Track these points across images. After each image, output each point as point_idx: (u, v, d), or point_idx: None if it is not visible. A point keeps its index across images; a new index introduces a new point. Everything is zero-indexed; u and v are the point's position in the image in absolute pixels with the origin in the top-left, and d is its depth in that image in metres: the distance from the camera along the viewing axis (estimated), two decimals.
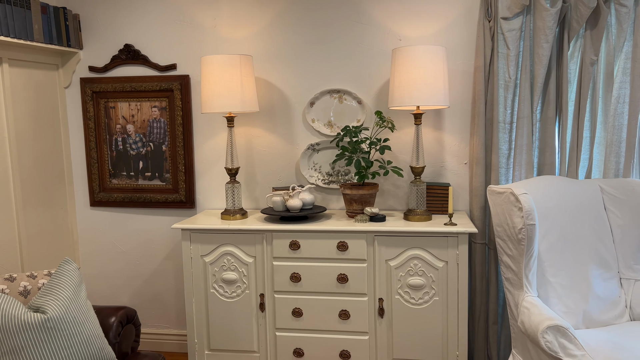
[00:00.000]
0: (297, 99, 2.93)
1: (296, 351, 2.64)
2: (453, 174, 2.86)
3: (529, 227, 2.22)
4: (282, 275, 2.61)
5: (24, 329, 1.75)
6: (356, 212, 2.71)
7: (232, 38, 2.94)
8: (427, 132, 2.84)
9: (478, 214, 2.75)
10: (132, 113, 3.06)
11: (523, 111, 2.62)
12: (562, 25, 2.58)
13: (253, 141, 3.01)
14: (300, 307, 2.62)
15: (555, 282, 2.40)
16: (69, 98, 3.12)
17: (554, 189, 2.51)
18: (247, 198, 3.05)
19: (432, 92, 2.48)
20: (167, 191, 3.09)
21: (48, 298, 1.86)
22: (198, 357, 2.74)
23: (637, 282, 2.48)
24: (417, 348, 2.56)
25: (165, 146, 3.06)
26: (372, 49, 2.83)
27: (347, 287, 2.57)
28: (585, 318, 2.39)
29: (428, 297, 2.53)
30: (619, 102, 2.59)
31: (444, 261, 2.50)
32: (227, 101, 2.63)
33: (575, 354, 2.04)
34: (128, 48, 3.02)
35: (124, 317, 2.17)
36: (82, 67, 3.09)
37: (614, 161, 2.63)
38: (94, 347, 1.91)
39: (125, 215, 3.17)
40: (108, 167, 3.14)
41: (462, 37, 2.74)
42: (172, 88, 2.99)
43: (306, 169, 2.95)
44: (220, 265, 2.66)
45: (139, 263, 3.20)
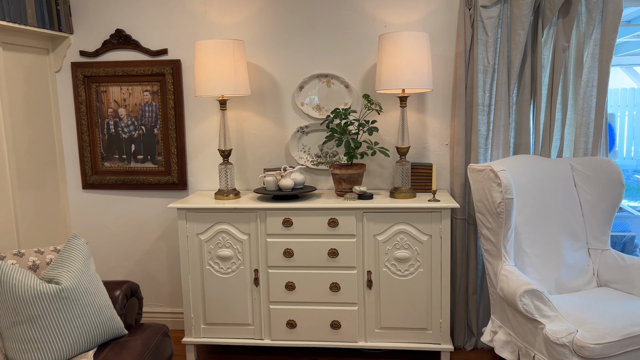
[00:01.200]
0: (286, 83, 3.04)
1: (289, 322, 2.78)
2: (435, 154, 3.03)
3: (507, 201, 2.40)
4: (276, 251, 2.74)
5: (40, 298, 1.84)
6: (345, 191, 2.85)
7: (223, 24, 3.03)
8: (411, 114, 3.00)
9: (459, 192, 2.93)
10: (123, 97, 3.13)
11: (501, 94, 2.80)
12: (536, 14, 2.75)
13: (244, 124, 3.11)
14: (293, 281, 2.76)
15: (531, 253, 2.60)
16: (59, 82, 3.16)
17: (528, 167, 2.70)
18: (239, 179, 3.15)
19: (417, 76, 2.63)
20: (159, 173, 3.17)
21: (61, 270, 1.95)
22: (194, 331, 2.85)
23: (603, 252, 2.71)
24: (403, 317, 2.73)
25: (157, 129, 3.13)
26: (358, 35, 2.96)
27: (337, 261, 2.72)
28: (557, 285, 2.60)
29: (413, 269, 2.70)
30: (588, 86, 2.79)
31: (428, 235, 2.67)
32: (220, 84, 2.72)
33: (549, 315, 2.24)
34: (119, 33, 3.07)
35: (128, 291, 2.27)
36: (72, 51, 3.13)
37: (583, 141, 2.84)
38: (105, 317, 2.01)
39: (117, 198, 3.24)
40: (100, 150, 3.19)
41: (443, 24, 2.90)
42: (164, 72, 3.06)
43: (296, 150, 3.08)
44: (215, 243, 2.77)
45: (132, 244, 3.28)
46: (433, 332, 2.73)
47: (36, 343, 1.84)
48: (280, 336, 2.80)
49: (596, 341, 2.06)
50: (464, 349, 2.99)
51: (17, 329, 1.84)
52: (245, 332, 2.83)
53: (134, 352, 1.99)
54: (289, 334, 2.79)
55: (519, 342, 2.41)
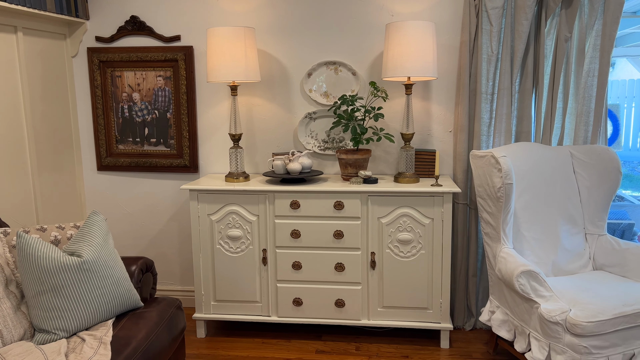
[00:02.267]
0: (295, 70, 3.13)
1: (295, 300, 2.90)
2: (439, 140, 3.12)
3: (507, 185, 2.50)
4: (283, 232, 2.85)
5: (63, 269, 1.96)
6: (351, 175, 2.95)
7: (234, 11, 3.11)
8: (416, 102, 3.08)
9: (461, 177, 3.02)
10: (137, 82, 3.23)
11: (503, 83, 2.88)
12: (540, 4, 2.82)
13: (254, 110, 3.21)
14: (299, 261, 2.87)
15: (529, 236, 2.69)
16: (76, 67, 3.26)
17: (529, 154, 2.79)
18: (248, 163, 3.26)
19: (422, 64, 2.71)
20: (171, 156, 3.28)
21: (82, 244, 2.07)
22: (205, 308, 2.98)
23: (600, 237, 2.80)
24: (405, 297, 2.84)
25: (170, 114, 3.24)
26: (366, 24, 3.04)
27: (342, 242, 2.83)
28: (554, 267, 2.70)
29: (415, 251, 2.80)
30: (589, 76, 2.86)
31: (430, 218, 2.77)
32: (232, 71, 2.82)
33: (544, 295, 2.35)
34: (134, 19, 3.16)
35: (143, 266, 2.39)
36: (88, 37, 3.23)
37: (583, 129, 2.92)
38: (123, 289, 2.13)
39: (131, 179, 3.36)
40: (115, 133, 3.31)
41: (449, 13, 2.97)
42: (177, 58, 3.16)
43: (303, 136, 3.17)
44: (225, 223, 2.89)
45: (145, 224, 3.40)
46: (433, 312, 2.84)
47: (59, 311, 1.97)
48: (286, 313, 2.92)
49: (588, 319, 2.16)
50: (463, 328, 3.10)
51: (42, 298, 1.97)
52: (253, 309, 2.95)
53: (149, 323, 2.11)
54: (295, 312, 2.92)
55: (515, 320, 2.51)
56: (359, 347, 2.89)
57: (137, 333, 2.02)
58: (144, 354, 1.97)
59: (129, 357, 1.89)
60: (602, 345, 2.19)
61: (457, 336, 3.01)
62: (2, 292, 1.96)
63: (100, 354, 1.84)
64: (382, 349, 2.87)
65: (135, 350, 1.93)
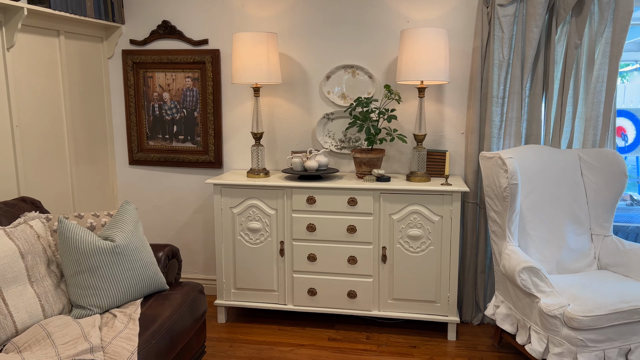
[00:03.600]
0: (314, 72, 3.30)
1: (310, 290, 3.08)
2: (451, 142, 3.25)
3: (512, 186, 2.62)
4: (300, 226, 3.03)
5: (98, 252, 2.18)
6: (365, 173, 3.11)
7: (258, 17, 3.30)
8: (429, 104, 3.22)
9: (471, 178, 3.15)
10: (167, 82, 3.45)
11: (514, 87, 2.99)
12: (551, 12, 2.92)
13: (275, 110, 3.39)
14: (314, 253, 3.04)
15: (535, 235, 2.80)
16: (111, 68, 3.51)
17: (538, 156, 2.90)
18: (269, 160, 3.45)
19: (435, 69, 2.85)
20: (197, 152, 3.50)
21: (115, 230, 2.28)
22: (226, 295, 3.18)
23: (605, 238, 2.89)
24: (414, 289, 2.98)
25: (197, 112, 3.45)
26: (382, 30, 3.19)
27: (355, 237, 2.99)
28: (558, 266, 2.80)
29: (425, 246, 2.94)
30: (598, 82, 2.95)
31: (440, 216, 2.90)
32: (255, 73, 3.01)
33: (545, 290, 2.46)
34: (165, 24, 3.39)
35: (169, 252, 2.60)
36: (123, 40, 3.47)
37: (592, 133, 3.00)
38: (151, 272, 2.34)
39: (160, 174, 3.59)
40: (145, 130, 3.54)
41: (462, 21, 3.10)
42: (204, 61, 3.37)
43: (321, 135, 3.34)
44: (246, 216, 3.08)
45: (172, 216, 3.62)
46: (441, 305, 2.98)
47: (94, 290, 2.18)
48: (301, 302, 3.10)
49: (585, 314, 2.27)
50: (471, 323, 3.22)
51: (79, 278, 2.19)
52: (270, 297, 3.14)
53: (174, 304, 2.31)
54: (310, 301, 3.09)
55: (517, 314, 2.63)
56: (369, 337, 3.04)
57: (163, 312, 2.22)
58: (168, 331, 2.17)
59: (155, 332, 2.09)
60: (598, 339, 2.29)
61: (464, 330, 3.13)
62: (44, 271, 2.19)
63: (130, 328, 2.05)
64: (391, 339, 3.01)
65: (160, 327, 2.13)
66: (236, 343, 2.97)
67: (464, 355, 2.85)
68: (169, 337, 2.16)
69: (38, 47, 2.86)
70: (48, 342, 1.92)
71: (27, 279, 2.10)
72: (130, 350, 1.93)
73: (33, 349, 1.91)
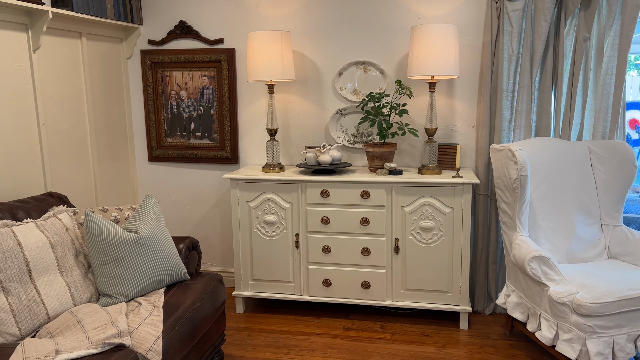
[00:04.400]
0: (327, 69, 3.38)
1: (325, 281, 3.17)
2: (462, 135, 3.31)
3: (522, 177, 2.68)
4: (314, 218, 3.12)
5: (123, 244, 2.29)
6: (377, 167, 3.18)
7: (272, 16, 3.39)
8: (440, 99, 3.28)
9: (482, 170, 3.21)
10: (185, 81, 3.56)
11: (523, 81, 3.04)
12: (559, 6, 2.96)
13: (289, 106, 3.48)
14: (329, 245, 3.13)
15: (545, 225, 2.86)
16: (130, 67, 3.62)
17: (547, 148, 2.95)
18: (283, 155, 3.54)
19: (445, 64, 2.91)
20: (214, 149, 3.60)
21: (139, 222, 2.39)
22: (243, 286, 3.28)
23: (615, 228, 2.93)
24: (427, 280, 3.06)
25: (214, 110, 3.55)
26: (393, 26, 3.25)
27: (368, 229, 3.07)
28: (568, 255, 2.86)
29: (436, 238, 3.01)
30: (607, 74, 2.99)
31: (451, 207, 2.97)
32: (269, 71, 3.10)
33: (554, 279, 2.52)
34: (182, 24, 3.49)
35: (190, 244, 2.70)
36: (142, 40, 3.58)
37: (601, 125, 3.04)
38: (173, 263, 2.45)
39: (178, 170, 3.70)
40: (164, 127, 3.65)
41: (472, 16, 3.15)
42: (220, 59, 3.47)
43: (334, 130, 3.42)
44: (262, 210, 3.17)
45: (190, 210, 3.74)
46: (453, 295, 3.05)
47: (120, 279, 2.30)
48: (317, 293, 3.19)
49: (593, 301, 2.33)
50: (483, 313, 3.29)
51: (105, 268, 2.30)
52: (286, 288, 3.23)
53: (195, 292, 2.42)
54: (325, 291, 3.18)
55: (528, 303, 2.69)
56: (383, 326, 3.12)
57: (185, 300, 2.33)
58: (191, 318, 2.27)
59: (178, 319, 2.20)
60: (606, 326, 2.35)
61: (476, 319, 3.20)
62: (73, 262, 2.31)
63: (154, 315, 2.16)
64: (404, 328, 3.09)
65: (183, 314, 2.24)
66: (254, 332, 3.08)
67: (476, 344, 2.92)
68: (191, 324, 2.27)
69: (62, 49, 2.98)
70: (79, 327, 2.04)
71: (57, 269, 2.21)
72: (156, 335, 2.03)
73: (65, 334, 2.02)
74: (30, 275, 2.11)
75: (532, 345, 2.89)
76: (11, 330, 2.02)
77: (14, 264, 2.06)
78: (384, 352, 2.84)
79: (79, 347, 1.87)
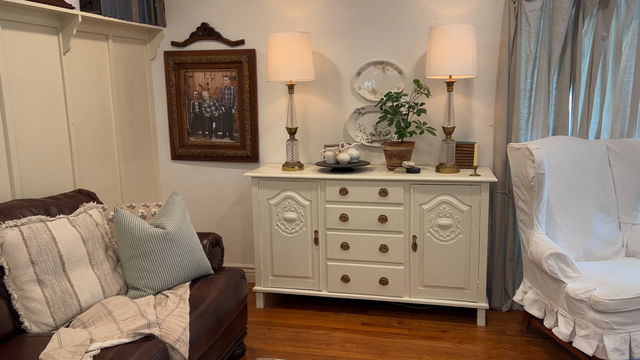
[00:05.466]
0: (346, 69, 3.44)
1: (343, 277, 3.23)
2: (479, 134, 3.34)
3: (539, 175, 2.71)
4: (333, 216, 3.18)
5: (151, 239, 2.38)
6: (395, 165, 3.23)
7: (292, 17, 3.46)
8: (458, 98, 3.32)
9: (500, 169, 3.24)
10: (207, 81, 3.65)
11: (541, 80, 3.06)
12: (577, 6, 2.98)
13: (308, 106, 3.55)
14: (347, 242, 3.19)
15: (562, 223, 2.89)
16: (154, 68, 3.72)
17: (565, 146, 2.97)
18: (303, 154, 3.61)
19: (463, 64, 2.95)
20: (235, 147, 3.69)
21: (165, 218, 2.48)
22: (263, 281, 3.36)
23: (633, 226, 2.94)
24: (444, 277, 3.10)
25: (235, 110, 3.64)
26: (411, 26, 3.30)
27: (386, 226, 3.12)
28: (585, 253, 2.88)
29: (454, 235, 3.06)
30: (626, 73, 3.00)
31: (468, 205, 3.01)
32: (289, 71, 3.17)
33: (571, 276, 2.55)
34: (204, 26, 3.58)
35: (213, 240, 2.79)
36: (165, 42, 3.68)
37: (619, 124, 3.06)
38: (197, 257, 2.53)
39: (200, 168, 3.80)
40: (186, 126, 3.75)
41: (490, 16, 3.19)
42: (241, 60, 3.55)
43: (352, 129, 3.48)
44: (282, 207, 3.25)
45: (212, 207, 3.83)
46: (470, 292, 3.09)
47: (148, 272, 2.39)
48: (335, 289, 3.26)
49: (610, 297, 2.36)
50: (500, 310, 3.32)
51: (134, 262, 2.39)
52: (305, 284, 3.31)
53: (219, 286, 2.50)
54: (343, 287, 3.24)
55: (545, 299, 2.73)
56: (400, 322, 3.18)
57: (210, 293, 2.41)
58: (215, 311, 2.35)
59: (204, 311, 2.28)
60: (623, 322, 2.37)
61: (493, 316, 3.24)
62: (103, 256, 2.40)
63: (181, 307, 2.24)
64: (422, 324, 3.14)
65: (208, 307, 2.32)
66: (274, 326, 3.15)
67: (493, 339, 2.95)
68: (216, 317, 2.35)
69: (90, 51, 3.09)
70: (110, 318, 2.13)
71: (88, 263, 2.31)
72: (183, 326, 2.12)
73: (97, 324, 2.12)
74: (64, 268, 2.21)
75: (549, 341, 2.92)
76: (46, 320, 2.12)
77: (48, 258, 2.16)
78: (402, 346, 2.89)
79: (112, 337, 1.96)
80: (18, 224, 2.16)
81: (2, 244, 2.10)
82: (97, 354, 1.85)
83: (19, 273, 2.10)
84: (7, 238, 2.10)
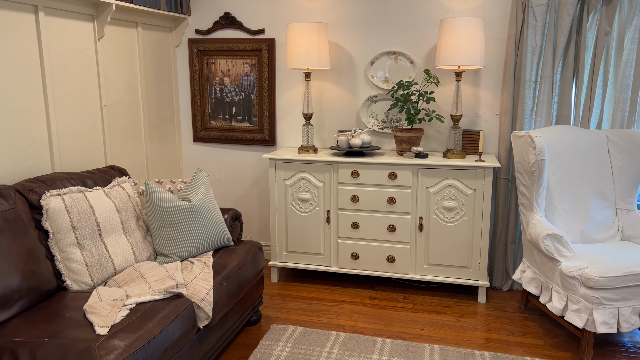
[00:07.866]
0: (360, 58, 3.63)
1: (353, 254, 3.44)
2: (486, 122, 3.52)
3: (539, 161, 2.88)
4: (345, 197, 3.39)
5: (178, 210, 2.61)
6: (404, 150, 3.42)
7: (310, 8, 3.65)
8: (466, 87, 3.49)
9: (504, 156, 3.41)
10: (228, 68, 3.86)
11: (545, 72, 3.23)
12: (582, 1, 3.13)
13: (323, 93, 3.75)
14: (357, 221, 3.40)
15: (561, 207, 3.06)
16: (179, 55, 3.94)
17: (567, 135, 3.14)
18: (317, 138, 3.81)
19: (471, 55, 3.12)
20: (254, 131, 3.90)
21: (191, 193, 2.71)
22: (278, 257, 3.59)
23: (629, 212, 3.11)
24: (448, 256, 3.30)
25: (254, 95, 3.85)
26: (423, 19, 3.47)
27: (394, 207, 3.32)
28: (582, 236, 3.06)
29: (458, 217, 3.25)
30: (627, 66, 3.15)
31: (473, 189, 3.20)
32: (307, 59, 3.36)
33: (566, 255, 2.74)
34: (227, 15, 3.78)
35: (233, 215, 3.01)
36: (189, 30, 3.89)
37: (620, 115, 3.21)
38: (220, 229, 2.76)
39: (220, 150, 4.02)
40: (208, 111, 3.97)
41: (498, 10, 3.34)
42: (261, 48, 3.75)
43: (365, 116, 3.67)
44: (297, 188, 3.46)
45: (231, 188, 4.06)
46: (472, 270, 3.28)
47: (175, 241, 2.62)
48: (345, 265, 3.47)
49: (600, 275, 2.54)
50: (500, 289, 3.51)
51: (163, 231, 2.63)
52: (317, 260, 3.53)
53: (239, 256, 2.73)
54: (353, 264, 3.46)
55: (541, 277, 2.91)
56: (405, 297, 3.39)
57: (231, 262, 2.64)
58: (236, 277, 2.58)
59: (226, 277, 2.51)
60: (612, 298, 2.56)
61: (494, 294, 3.43)
62: (135, 225, 2.64)
63: (205, 272, 2.47)
64: (425, 300, 3.35)
65: (229, 273, 2.55)
66: (288, 298, 3.38)
67: (492, 315, 3.15)
68: (236, 282, 2.58)
69: (121, 38, 3.31)
70: (142, 280, 2.37)
71: (122, 231, 2.55)
72: (207, 288, 2.35)
73: (130, 284, 2.35)
74: (100, 234, 2.45)
75: (544, 317, 3.11)
76: (85, 279, 2.36)
77: (87, 224, 2.40)
78: (407, 319, 3.10)
79: (145, 294, 2.19)
80: (60, 193, 2.40)
81: (47, 210, 2.33)
82: (133, 307, 2.09)
83: (62, 237, 2.34)
84: (52, 205, 2.34)
